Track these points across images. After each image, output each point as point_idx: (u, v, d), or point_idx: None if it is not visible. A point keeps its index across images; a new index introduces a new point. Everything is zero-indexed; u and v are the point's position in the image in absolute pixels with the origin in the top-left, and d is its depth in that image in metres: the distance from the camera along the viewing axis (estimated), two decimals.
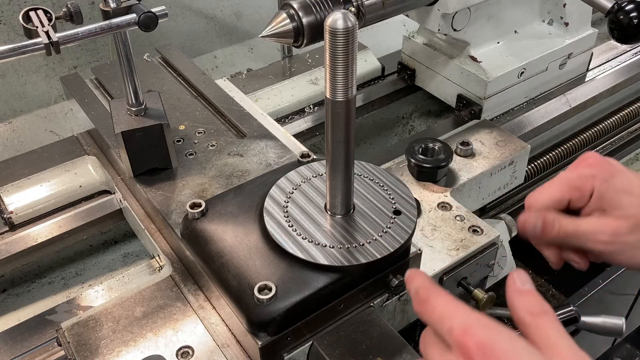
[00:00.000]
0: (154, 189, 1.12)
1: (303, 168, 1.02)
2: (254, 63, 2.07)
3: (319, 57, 1.72)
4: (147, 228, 1.15)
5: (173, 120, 1.27)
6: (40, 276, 1.32)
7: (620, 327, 1.25)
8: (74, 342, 0.92)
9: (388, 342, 0.88)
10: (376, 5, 1.21)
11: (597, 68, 1.75)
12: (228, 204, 0.98)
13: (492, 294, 1.06)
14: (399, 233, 0.89)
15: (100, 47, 1.93)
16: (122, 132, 1.08)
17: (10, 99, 1.85)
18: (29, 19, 0.94)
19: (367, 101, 1.67)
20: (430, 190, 1.20)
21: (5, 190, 1.25)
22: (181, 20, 2.06)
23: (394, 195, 0.96)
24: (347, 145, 0.83)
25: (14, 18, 1.73)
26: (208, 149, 1.21)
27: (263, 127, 1.28)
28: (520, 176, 1.41)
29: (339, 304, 0.89)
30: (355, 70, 0.76)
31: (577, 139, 1.69)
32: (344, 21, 0.71)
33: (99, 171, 1.30)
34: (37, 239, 1.22)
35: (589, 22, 1.63)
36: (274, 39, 1.12)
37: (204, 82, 1.43)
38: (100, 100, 1.38)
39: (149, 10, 0.99)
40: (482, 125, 1.43)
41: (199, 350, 0.91)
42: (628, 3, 1.13)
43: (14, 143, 1.81)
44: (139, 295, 0.99)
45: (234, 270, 0.87)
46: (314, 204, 0.94)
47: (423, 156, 1.23)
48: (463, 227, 1.10)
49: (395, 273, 0.93)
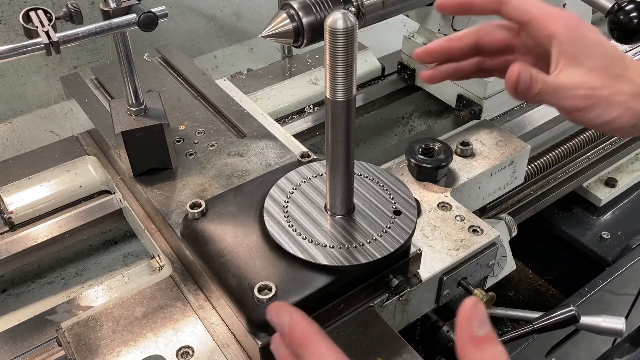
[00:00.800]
0: (154, 189, 1.12)
1: (303, 168, 1.02)
2: (254, 63, 2.07)
3: (319, 57, 1.72)
4: (147, 228, 1.15)
5: (173, 120, 1.27)
6: (40, 276, 1.32)
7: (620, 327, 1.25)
8: (74, 342, 0.92)
9: (388, 342, 0.88)
10: (376, 5, 1.21)
11: None
12: (228, 204, 0.98)
13: (492, 294, 1.06)
14: (399, 233, 0.89)
15: (100, 47, 1.93)
16: (122, 132, 1.08)
17: (10, 99, 1.85)
18: (29, 19, 0.94)
19: (367, 101, 1.67)
20: (430, 190, 1.20)
21: (5, 190, 1.25)
22: (181, 20, 2.06)
23: (394, 195, 0.96)
24: (347, 145, 0.83)
25: (14, 18, 1.73)
26: (208, 149, 1.21)
27: (263, 127, 1.28)
28: (520, 176, 1.41)
29: (339, 304, 0.89)
30: (355, 70, 0.76)
31: (577, 139, 1.69)
32: (344, 21, 0.72)
33: (99, 171, 1.30)
34: (37, 239, 1.22)
35: (589, 22, 1.63)
36: (274, 39, 1.13)
37: (204, 82, 1.43)
38: (100, 100, 1.38)
39: (149, 10, 0.99)
40: (482, 125, 1.43)
41: (199, 350, 0.91)
42: (628, 3, 1.13)
43: (14, 143, 1.81)
44: (139, 295, 0.99)
45: (234, 270, 0.87)
46: (314, 204, 0.94)
47: (423, 156, 1.23)
48: (463, 227, 1.10)
49: (395, 273, 0.93)
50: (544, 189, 1.67)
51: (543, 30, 0.80)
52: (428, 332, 1.13)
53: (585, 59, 0.78)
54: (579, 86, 0.77)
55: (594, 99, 0.77)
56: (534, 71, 0.78)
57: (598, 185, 1.87)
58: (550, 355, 1.58)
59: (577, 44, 0.78)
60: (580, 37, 0.79)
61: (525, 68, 0.78)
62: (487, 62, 0.90)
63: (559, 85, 0.78)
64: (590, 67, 0.78)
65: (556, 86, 0.78)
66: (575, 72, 0.78)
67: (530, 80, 0.78)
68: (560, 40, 0.79)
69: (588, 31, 0.80)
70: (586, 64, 0.78)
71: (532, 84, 0.78)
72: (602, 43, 0.80)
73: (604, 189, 1.86)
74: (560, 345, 1.59)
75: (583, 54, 0.78)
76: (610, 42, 0.81)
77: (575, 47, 0.78)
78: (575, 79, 0.78)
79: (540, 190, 1.67)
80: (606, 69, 0.78)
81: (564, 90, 0.78)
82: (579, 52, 0.78)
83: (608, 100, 0.78)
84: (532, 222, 1.67)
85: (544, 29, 0.80)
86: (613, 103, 0.78)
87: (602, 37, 0.81)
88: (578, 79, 0.78)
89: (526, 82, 0.78)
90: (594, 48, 0.78)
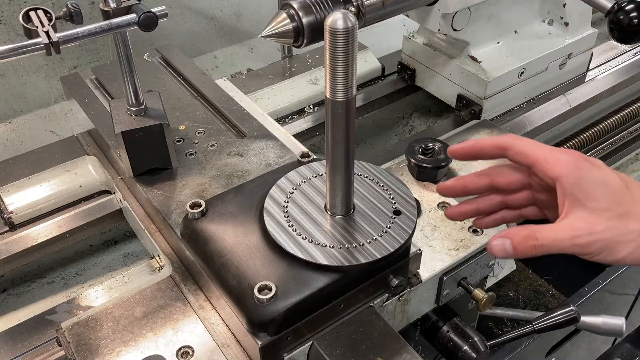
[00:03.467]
0: (154, 189, 1.12)
1: (303, 168, 1.02)
2: (254, 63, 2.07)
3: (319, 57, 1.72)
4: (147, 228, 1.15)
5: (173, 120, 1.27)
6: (40, 276, 1.32)
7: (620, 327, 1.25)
8: (74, 342, 0.92)
9: (388, 342, 0.88)
10: (376, 5, 1.21)
11: (597, 68, 1.75)
12: (228, 204, 0.98)
13: (492, 294, 1.06)
14: (399, 233, 0.89)
15: (100, 47, 1.93)
16: (122, 132, 1.08)
17: (10, 99, 1.85)
18: (29, 19, 0.94)
19: (367, 101, 1.67)
20: (430, 190, 1.20)
21: (5, 190, 1.25)
22: (181, 20, 2.06)
23: (394, 195, 0.96)
24: (347, 145, 0.83)
25: (14, 18, 1.73)
26: (208, 149, 1.21)
27: (263, 127, 1.28)
28: None
29: (339, 304, 0.89)
30: (355, 70, 0.76)
31: (577, 139, 1.69)
32: (344, 21, 0.71)
33: (99, 171, 1.30)
34: (37, 239, 1.22)
35: (589, 22, 1.63)
36: (274, 39, 1.12)
37: (204, 82, 1.43)
38: (100, 100, 1.38)
39: (149, 10, 0.99)
40: (482, 125, 1.43)
41: (199, 350, 0.91)
42: (628, 3, 1.13)
43: (14, 143, 1.81)
44: (139, 295, 0.99)
45: (234, 270, 0.87)
46: (314, 204, 0.94)
47: (423, 156, 1.23)
48: (463, 227, 1.10)
49: (395, 273, 0.93)
50: None
51: (547, 173, 0.81)
52: (428, 332, 1.13)
53: (588, 201, 0.78)
54: (582, 233, 0.77)
55: (599, 243, 0.77)
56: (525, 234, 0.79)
57: None
58: (550, 355, 1.58)
59: (580, 186, 0.78)
60: (582, 178, 0.78)
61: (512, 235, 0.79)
62: (508, 199, 0.91)
63: (559, 239, 0.78)
64: (593, 208, 0.77)
65: (557, 241, 0.78)
66: (578, 215, 0.78)
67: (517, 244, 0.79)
68: (563, 183, 0.79)
69: (591, 170, 0.79)
70: (589, 206, 0.78)
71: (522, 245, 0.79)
72: (606, 182, 0.79)
73: None
74: (560, 345, 1.58)
75: (586, 196, 0.78)
76: (616, 177, 0.80)
77: (578, 190, 0.78)
78: (578, 225, 0.78)
79: None
80: (611, 209, 0.77)
81: (566, 240, 0.78)
82: (581, 194, 0.78)
83: (614, 241, 0.77)
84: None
85: (547, 172, 0.81)
86: (620, 243, 0.77)
87: (607, 173, 0.80)
88: (581, 224, 0.77)
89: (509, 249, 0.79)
90: (597, 189, 0.78)
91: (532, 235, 0.79)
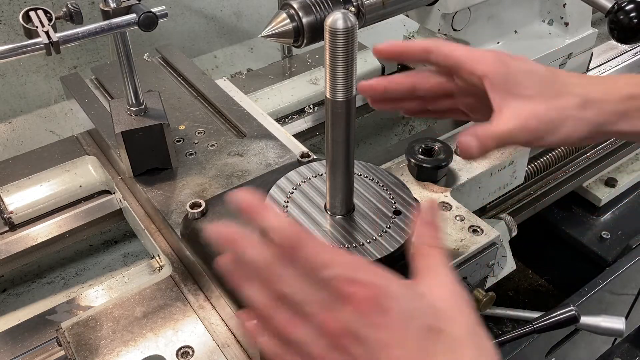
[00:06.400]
0: (154, 189, 1.12)
1: (303, 168, 1.02)
2: (254, 63, 2.07)
3: (319, 57, 1.72)
4: (147, 228, 1.15)
5: (173, 120, 1.27)
6: (40, 276, 1.32)
7: (620, 327, 1.25)
8: (74, 342, 0.92)
9: None
10: (376, 5, 1.21)
11: (597, 68, 1.75)
12: (228, 204, 0.98)
13: (492, 294, 1.06)
14: (399, 233, 0.89)
15: (100, 47, 1.93)
16: (122, 132, 1.08)
17: (10, 99, 1.85)
18: (29, 19, 0.94)
19: (367, 101, 1.67)
20: (430, 190, 1.19)
21: (5, 190, 1.25)
22: (181, 20, 2.06)
23: (394, 195, 0.96)
24: (347, 145, 0.83)
25: (14, 18, 1.73)
26: (208, 149, 1.21)
27: (263, 127, 1.28)
28: (520, 176, 1.41)
29: None
30: (355, 70, 0.76)
31: None
32: (344, 21, 0.71)
33: (99, 171, 1.30)
34: (37, 239, 1.22)
35: (589, 22, 1.63)
36: (274, 39, 1.12)
37: (204, 82, 1.43)
38: (100, 100, 1.38)
39: (149, 10, 0.99)
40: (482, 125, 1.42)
41: (199, 350, 0.91)
42: (628, 3, 1.13)
43: (14, 143, 1.81)
44: (139, 295, 0.99)
45: None
46: (314, 204, 0.94)
47: (423, 156, 1.23)
48: (463, 227, 1.10)
49: (395, 273, 0.93)
50: (544, 189, 1.67)
51: (473, 73, 0.81)
52: None
53: (521, 90, 0.79)
54: (528, 117, 0.78)
55: (546, 125, 0.78)
56: (480, 130, 0.78)
57: (598, 185, 1.87)
58: (550, 355, 1.58)
59: (508, 78, 0.79)
60: (509, 71, 0.80)
61: (470, 132, 0.79)
62: (429, 105, 0.92)
63: (510, 130, 0.78)
64: (528, 95, 0.78)
65: (508, 132, 0.78)
66: (516, 105, 0.79)
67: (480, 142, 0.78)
68: (492, 79, 0.80)
69: (516, 62, 0.81)
70: (523, 94, 0.78)
71: (484, 145, 0.78)
72: (533, 70, 0.80)
73: (604, 189, 1.86)
74: (560, 345, 1.59)
75: (517, 87, 0.79)
76: (541, 66, 0.82)
77: (507, 82, 0.79)
78: (520, 113, 0.78)
79: (540, 190, 1.67)
80: (545, 92, 0.79)
81: (517, 131, 0.78)
82: (512, 86, 0.79)
83: (558, 119, 0.78)
84: (532, 222, 1.67)
85: (473, 72, 0.81)
86: (563, 121, 0.78)
87: (532, 63, 0.82)
88: (523, 112, 0.78)
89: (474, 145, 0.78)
90: (526, 77, 0.79)
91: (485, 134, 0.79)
